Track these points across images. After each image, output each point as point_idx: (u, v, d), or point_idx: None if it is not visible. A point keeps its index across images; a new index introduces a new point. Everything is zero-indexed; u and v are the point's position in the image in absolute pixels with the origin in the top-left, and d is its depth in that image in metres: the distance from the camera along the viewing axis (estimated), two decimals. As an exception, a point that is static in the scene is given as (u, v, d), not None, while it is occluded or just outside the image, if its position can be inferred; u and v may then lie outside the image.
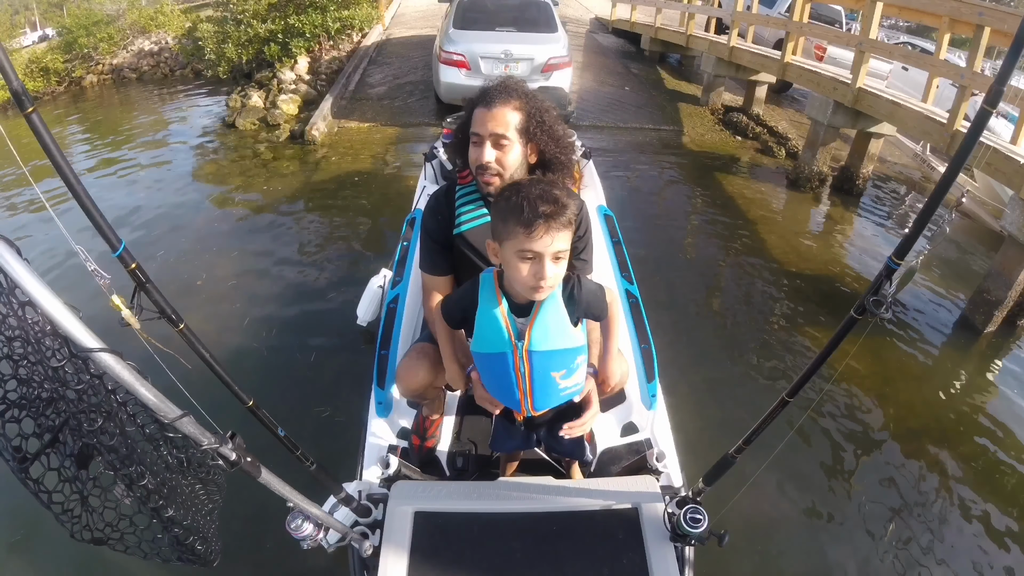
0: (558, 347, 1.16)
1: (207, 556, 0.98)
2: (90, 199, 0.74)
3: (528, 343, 1.15)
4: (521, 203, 1.05)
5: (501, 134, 1.35)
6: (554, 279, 1.10)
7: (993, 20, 3.77)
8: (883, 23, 8.28)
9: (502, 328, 1.15)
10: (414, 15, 11.11)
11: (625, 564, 1.28)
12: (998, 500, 2.51)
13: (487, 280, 1.19)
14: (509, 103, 1.35)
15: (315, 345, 3.13)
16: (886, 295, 0.91)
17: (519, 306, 1.16)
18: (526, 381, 1.20)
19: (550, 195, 1.06)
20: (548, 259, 1.07)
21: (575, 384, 1.25)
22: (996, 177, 3.79)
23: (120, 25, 11.46)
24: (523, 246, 1.06)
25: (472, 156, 1.39)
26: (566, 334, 1.17)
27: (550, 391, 1.22)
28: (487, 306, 1.17)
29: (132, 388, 0.70)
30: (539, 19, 6.46)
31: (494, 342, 1.17)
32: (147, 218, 4.65)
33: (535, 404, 1.25)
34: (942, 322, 3.81)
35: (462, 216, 1.47)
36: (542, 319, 1.15)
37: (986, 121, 0.81)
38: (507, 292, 1.17)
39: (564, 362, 1.19)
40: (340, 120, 6.64)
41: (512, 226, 1.06)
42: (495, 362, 1.20)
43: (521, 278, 1.09)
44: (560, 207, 1.05)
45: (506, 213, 1.08)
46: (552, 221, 1.05)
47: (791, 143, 6.59)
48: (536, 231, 1.04)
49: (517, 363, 1.17)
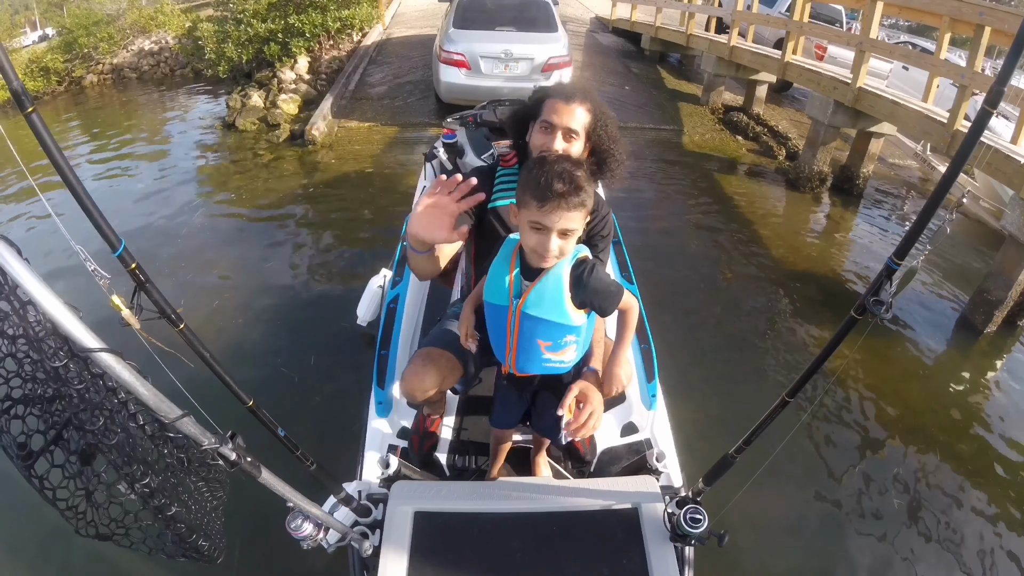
0: (548, 317, 1.21)
1: (211, 553, 0.98)
2: (90, 199, 0.74)
3: (523, 304, 1.22)
4: (540, 178, 1.13)
5: (574, 129, 1.42)
6: (557, 251, 1.16)
7: (993, 20, 3.77)
8: (883, 22, 8.28)
9: (505, 283, 1.24)
10: (414, 14, 11.11)
11: (625, 564, 1.28)
12: (998, 500, 2.51)
13: (511, 241, 1.28)
14: (585, 103, 1.44)
15: (315, 345, 3.13)
16: (886, 295, 0.91)
17: (531, 270, 1.23)
18: (514, 339, 1.27)
19: (568, 175, 1.13)
20: (554, 233, 1.14)
21: (560, 360, 1.29)
22: (996, 177, 3.79)
23: (120, 25, 11.45)
24: (534, 217, 1.14)
25: (539, 141, 1.44)
26: (560, 308, 1.21)
27: (532, 356, 1.28)
28: (502, 261, 1.26)
29: (132, 388, 0.70)
30: (539, 18, 6.46)
31: (496, 293, 1.26)
32: (147, 218, 4.65)
33: (518, 364, 1.31)
34: (942, 322, 3.81)
35: (499, 193, 1.55)
36: (541, 286, 1.21)
37: (987, 122, 0.80)
38: (523, 255, 1.25)
39: (552, 334, 1.24)
40: (340, 120, 6.64)
41: (528, 197, 1.14)
42: (495, 313, 1.29)
43: (529, 245, 1.19)
44: (574, 188, 1.12)
45: (526, 184, 1.16)
46: (563, 200, 1.11)
47: (791, 143, 6.58)
48: (547, 206, 1.11)
49: (510, 319, 1.25)
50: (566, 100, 1.42)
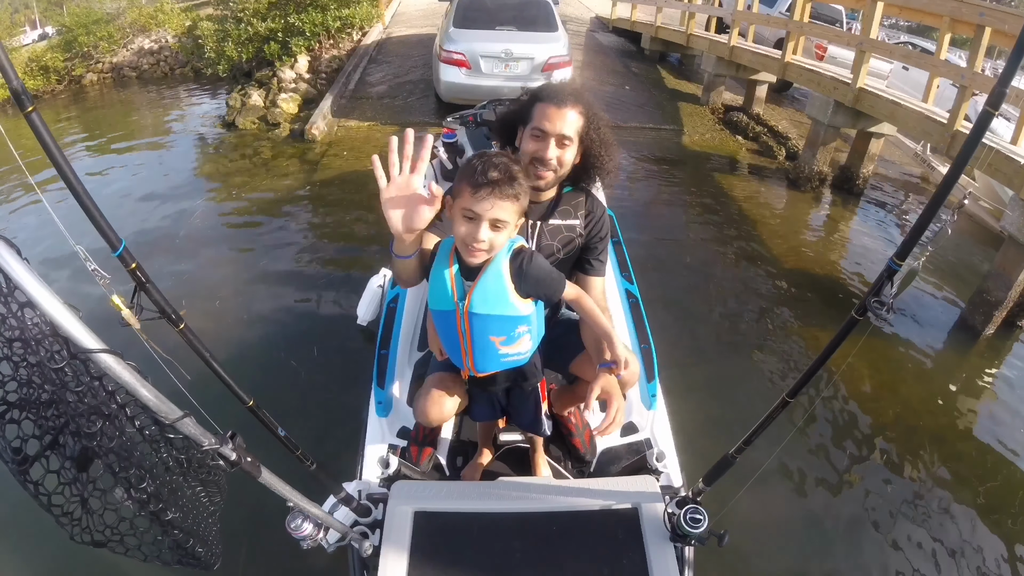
0: (497, 312, 1.22)
1: (208, 560, 0.97)
2: (90, 198, 0.74)
3: (468, 304, 1.21)
4: (477, 166, 1.14)
5: (567, 135, 1.39)
6: (488, 244, 1.15)
7: (994, 20, 3.76)
8: (884, 23, 8.27)
9: (448, 287, 1.23)
10: (414, 14, 11.09)
11: (625, 564, 1.28)
12: (999, 500, 2.52)
13: (447, 244, 1.26)
14: (577, 106, 1.40)
15: (315, 345, 3.12)
16: (887, 296, 0.91)
17: (469, 270, 1.22)
18: (467, 341, 1.27)
19: (505, 167, 1.13)
20: (485, 223, 1.13)
21: (517, 352, 1.30)
22: (996, 177, 3.79)
23: (120, 23, 11.44)
24: (466, 204, 1.14)
25: (530, 148, 1.42)
26: (506, 302, 1.21)
27: (489, 354, 1.28)
28: (440, 266, 1.24)
29: (132, 388, 0.70)
30: (539, 18, 6.45)
31: (441, 299, 1.25)
32: (147, 217, 4.65)
33: (476, 365, 1.32)
34: (942, 323, 3.81)
35: None
36: (483, 283, 1.20)
37: (988, 123, 0.80)
38: (459, 257, 1.24)
39: (503, 328, 1.24)
40: (340, 119, 6.63)
41: (463, 185, 1.15)
42: (443, 319, 1.28)
43: (459, 235, 1.17)
44: (508, 179, 1.12)
45: (463, 173, 1.17)
46: (496, 189, 1.11)
47: (791, 143, 6.58)
48: (480, 192, 1.12)
49: (459, 322, 1.25)
50: (558, 105, 1.38)
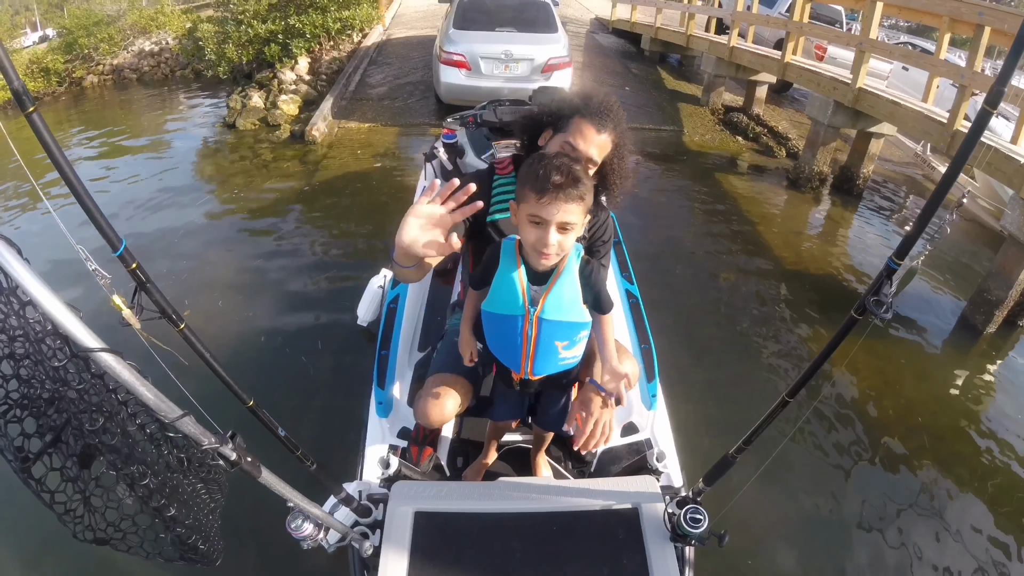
0: (568, 319, 1.23)
1: (210, 555, 0.97)
2: (91, 198, 0.74)
3: (540, 310, 1.21)
4: (539, 171, 1.13)
5: (594, 159, 1.36)
6: (558, 247, 1.15)
7: (993, 20, 3.77)
8: (883, 23, 8.27)
9: (518, 292, 1.22)
10: (414, 15, 11.10)
11: (625, 564, 1.28)
12: (999, 500, 2.51)
13: (508, 246, 1.25)
14: (614, 133, 1.37)
15: (315, 345, 3.13)
16: (886, 295, 0.91)
17: (536, 274, 1.22)
18: (531, 345, 1.27)
19: (567, 169, 1.13)
20: (553, 227, 1.13)
21: (574, 356, 1.32)
22: (996, 177, 3.79)
23: (120, 25, 11.45)
24: (532, 211, 1.13)
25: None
26: (577, 309, 1.23)
27: (551, 358, 1.30)
28: (506, 269, 1.23)
29: (132, 388, 0.70)
30: (539, 19, 6.46)
31: (508, 304, 1.23)
32: (148, 218, 4.65)
33: (535, 369, 1.32)
34: (942, 322, 3.80)
35: (497, 204, 1.47)
36: (558, 290, 1.21)
37: (987, 122, 0.80)
38: (526, 260, 1.23)
39: (569, 334, 1.26)
40: (340, 120, 6.64)
41: (527, 191, 1.14)
42: (505, 323, 1.27)
43: (528, 241, 1.17)
44: (572, 181, 1.12)
45: (525, 178, 1.16)
46: (562, 192, 1.11)
47: (791, 143, 6.59)
48: (545, 198, 1.11)
49: (526, 328, 1.24)
50: (598, 128, 1.33)
